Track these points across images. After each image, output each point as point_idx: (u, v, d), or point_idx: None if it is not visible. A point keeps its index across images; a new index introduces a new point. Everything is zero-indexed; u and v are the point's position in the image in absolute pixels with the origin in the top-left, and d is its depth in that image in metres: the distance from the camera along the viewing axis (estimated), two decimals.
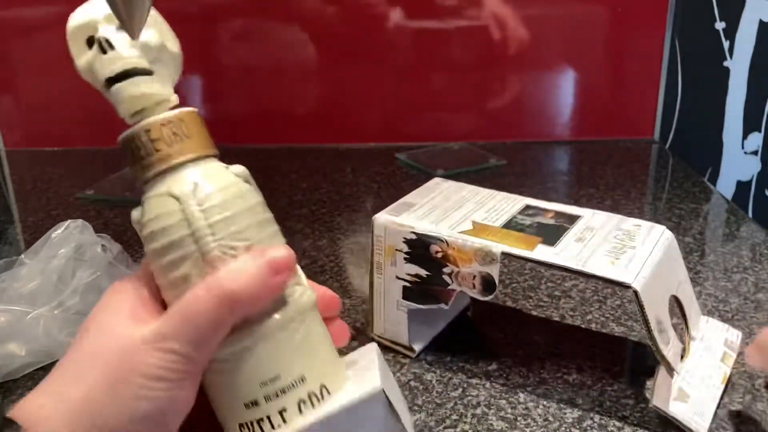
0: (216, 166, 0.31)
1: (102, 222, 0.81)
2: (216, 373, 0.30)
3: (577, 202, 0.84)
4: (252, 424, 0.30)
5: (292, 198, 0.87)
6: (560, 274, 0.66)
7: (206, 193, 0.29)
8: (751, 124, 0.85)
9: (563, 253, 0.47)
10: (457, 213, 0.53)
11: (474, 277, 0.49)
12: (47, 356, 0.51)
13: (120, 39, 0.30)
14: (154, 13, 0.33)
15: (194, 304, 0.28)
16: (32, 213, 0.85)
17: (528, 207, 0.55)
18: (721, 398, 0.48)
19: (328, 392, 0.30)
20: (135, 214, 0.31)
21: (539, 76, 1.09)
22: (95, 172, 0.98)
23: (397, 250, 0.52)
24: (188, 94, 1.09)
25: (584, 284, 0.65)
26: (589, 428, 0.46)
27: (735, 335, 0.52)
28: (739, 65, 0.87)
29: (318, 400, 0.30)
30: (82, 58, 0.32)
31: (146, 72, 0.31)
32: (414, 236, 0.51)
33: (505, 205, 0.55)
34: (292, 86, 1.08)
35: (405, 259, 0.51)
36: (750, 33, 0.84)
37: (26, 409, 0.28)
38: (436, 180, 0.61)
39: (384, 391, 0.29)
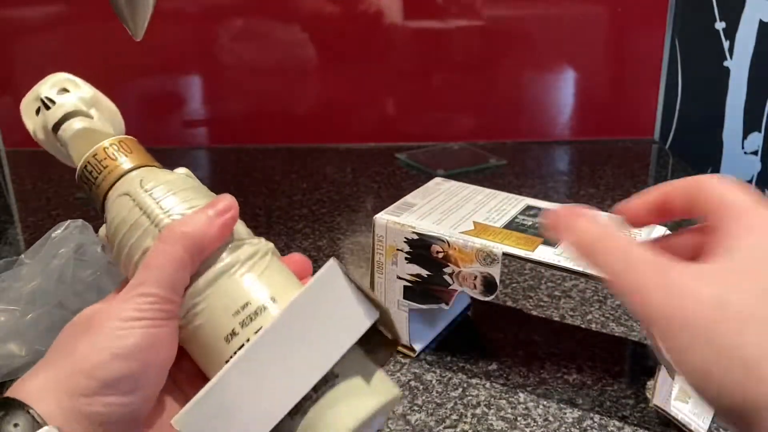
0: (158, 168, 0.36)
1: (102, 222, 0.81)
2: (191, 326, 0.32)
3: (577, 203, 0.84)
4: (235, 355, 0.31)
5: (292, 198, 0.87)
6: (560, 275, 0.66)
7: (152, 184, 0.34)
8: (751, 124, 0.85)
9: (564, 254, 0.47)
10: (458, 213, 0.53)
11: (475, 277, 0.49)
12: None
13: (59, 96, 0.37)
14: (83, 84, 0.39)
15: (154, 253, 0.31)
16: (32, 213, 0.85)
17: (529, 207, 0.55)
18: None
19: None
20: (101, 230, 0.36)
21: (539, 76, 1.09)
22: None
23: (398, 249, 0.52)
24: (188, 94, 1.09)
25: (584, 284, 0.65)
26: (589, 428, 0.46)
27: None
28: (739, 65, 0.87)
29: None
30: (34, 123, 0.39)
31: (86, 114, 0.37)
32: (415, 236, 0.51)
33: (506, 205, 0.55)
34: (292, 86, 1.08)
35: (406, 258, 0.51)
36: (750, 33, 0.85)
37: (21, 388, 0.30)
38: (437, 180, 0.61)
39: (338, 263, 0.31)
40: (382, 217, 0.52)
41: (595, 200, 0.86)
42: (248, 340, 0.31)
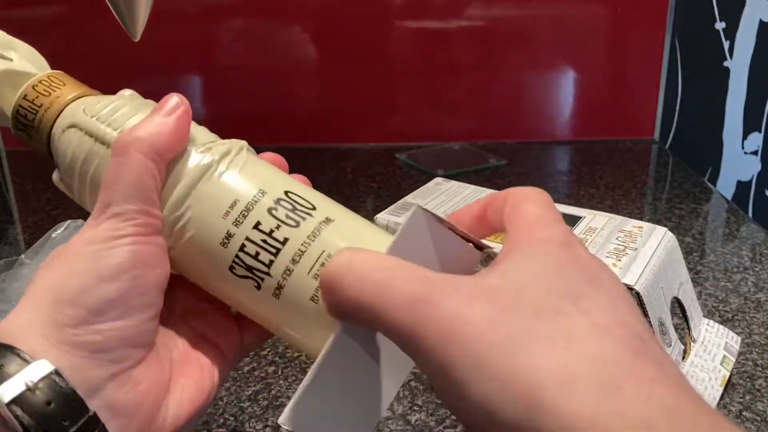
0: (99, 94, 0.33)
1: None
2: (182, 241, 0.30)
3: (577, 202, 0.84)
4: (239, 258, 0.29)
5: None
6: None
7: (96, 109, 0.31)
8: (751, 124, 0.85)
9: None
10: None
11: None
12: None
13: None
14: None
15: (111, 168, 0.29)
16: (32, 213, 0.85)
17: None
18: (721, 398, 0.48)
19: (296, 194, 0.30)
20: (54, 176, 0.33)
21: (539, 76, 1.09)
22: None
23: None
24: (188, 94, 1.08)
25: None
26: None
27: (735, 339, 0.52)
28: (739, 65, 0.87)
29: (288, 201, 0.30)
30: None
31: (4, 57, 0.34)
32: None
33: None
34: (292, 86, 1.08)
35: None
36: (750, 33, 0.85)
37: (2, 331, 0.27)
38: (437, 180, 0.61)
39: (423, 211, 0.27)
40: (383, 218, 0.52)
41: (595, 200, 0.86)
42: (248, 239, 0.29)
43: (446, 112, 1.11)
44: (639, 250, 0.48)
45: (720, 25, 0.91)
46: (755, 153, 0.84)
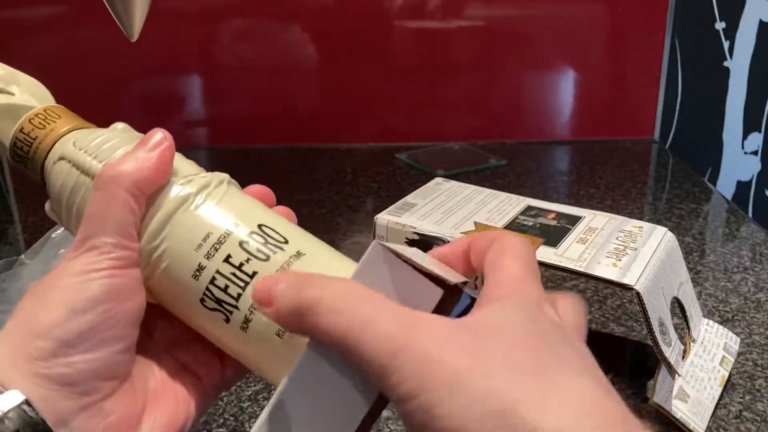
0: (92, 128, 0.34)
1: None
2: (157, 272, 0.30)
3: (577, 202, 0.84)
4: (209, 290, 0.29)
5: (292, 198, 0.87)
6: (561, 275, 0.66)
7: (85, 142, 0.32)
8: (751, 124, 0.85)
9: (566, 255, 0.47)
10: (458, 213, 0.53)
11: (476, 277, 0.49)
12: None
13: None
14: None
15: (92, 202, 0.29)
16: (32, 213, 0.85)
17: (530, 208, 0.55)
18: (721, 398, 0.48)
19: (270, 228, 0.31)
20: (47, 206, 0.34)
21: (539, 76, 1.09)
22: None
23: None
24: (188, 94, 1.09)
25: (584, 284, 0.65)
26: None
27: (734, 340, 0.52)
28: (739, 65, 0.87)
29: (260, 235, 0.30)
30: None
31: (6, 92, 0.35)
32: (416, 236, 0.51)
33: (507, 205, 0.55)
34: (292, 86, 1.08)
35: None
36: (750, 33, 0.85)
37: None
38: (437, 180, 0.61)
39: (382, 247, 0.26)
40: (383, 218, 0.52)
41: (595, 200, 0.86)
42: (218, 272, 0.29)
43: (446, 112, 1.11)
44: (639, 250, 0.48)
45: (720, 25, 0.91)
46: (755, 153, 0.84)
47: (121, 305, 0.28)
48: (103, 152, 0.32)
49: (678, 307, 0.50)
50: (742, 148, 0.86)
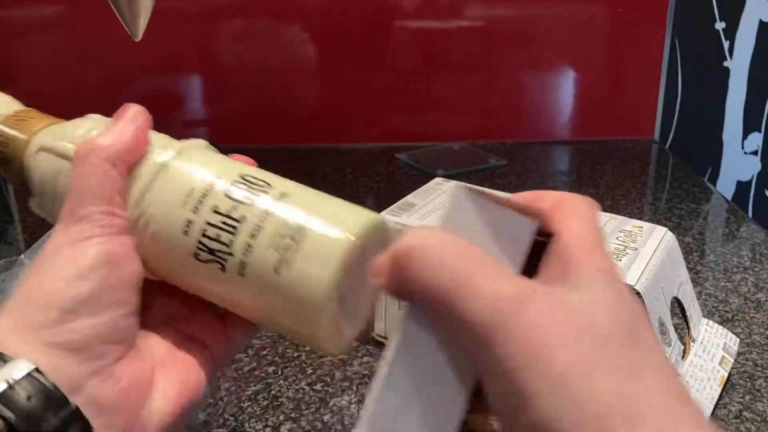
0: (66, 121, 0.34)
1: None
2: (146, 239, 0.30)
3: None
4: (201, 243, 0.30)
5: None
6: None
7: (62, 132, 0.32)
8: (751, 124, 0.85)
9: None
10: None
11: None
12: None
13: None
14: None
15: (74, 175, 0.30)
16: (32, 213, 0.84)
17: None
18: (721, 398, 0.48)
19: (251, 175, 0.31)
20: (32, 204, 0.34)
21: (539, 76, 1.09)
22: None
23: None
24: (188, 94, 1.09)
25: None
26: None
27: (733, 340, 0.52)
28: (739, 65, 0.87)
29: (243, 183, 0.31)
30: None
31: None
32: None
33: None
34: (292, 86, 1.08)
35: None
36: (750, 33, 0.85)
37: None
38: (437, 180, 0.61)
39: (464, 189, 0.25)
40: (388, 219, 0.52)
41: (596, 200, 0.86)
42: (207, 223, 0.29)
43: (446, 112, 1.11)
44: (639, 250, 0.48)
45: (720, 25, 0.91)
46: (755, 153, 0.84)
47: (118, 270, 0.29)
48: (79, 136, 0.32)
49: (678, 307, 0.50)
50: (742, 148, 0.86)
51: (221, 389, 0.50)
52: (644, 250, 0.48)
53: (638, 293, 0.44)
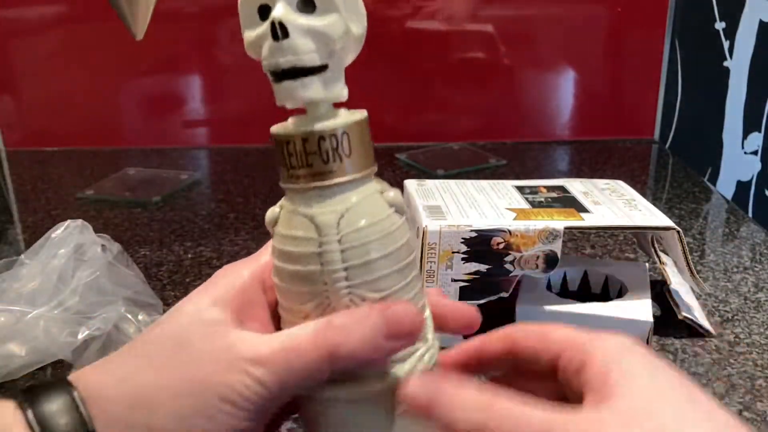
0: (370, 191, 0.27)
1: (102, 222, 0.81)
2: (317, 410, 0.27)
3: None
4: None
5: None
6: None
7: (351, 230, 0.25)
8: (751, 124, 0.85)
9: (605, 217, 0.53)
10: (483, 207, 0.55)
11: (537, 257, 0.51)
12: (47, 356, 0.51)
13: (297, 27, 0.25)
14: None
15: (298, 346, 0.25)
16: (32, 213, 0.85)
17: (523, 188, 0.59)
18: (721, 398, 0.48)
19: None
20: (270, 214, 0.28)
21: (539, 76, 1.09)
22: (95, 172, 0.98)
23: (453, 252, 0.51)
24: (188, 94, 1.09)
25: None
26: None
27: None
28: (739, 65, 0.87)
29: None
30: (251, 31, 0.28)
31: (318, 69, 0.26)
32: (474, 233, 0.51)
33: (504, 191, 0.58)
34: None
35: (463, 259, 0.52)
36: (750, 33, 0.84)
37: (85, 381, 0.26)
38: (411, 183, 0.60)
39: None
40: (433, 225, 0.51)
41: None
42: None
43: (446, 112, 1.11)
44: (636, 200, 0.58)
45: (720, 25, 0.91)
46: (755, 153, 0.84)
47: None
48: (357, 272, 0.25)
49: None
50: (742, 148, 0.86)
51: None
52: (639, 200, 0.59)
53: (678, 232, 0.53)
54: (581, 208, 0.55)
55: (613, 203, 0.57)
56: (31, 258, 0.57)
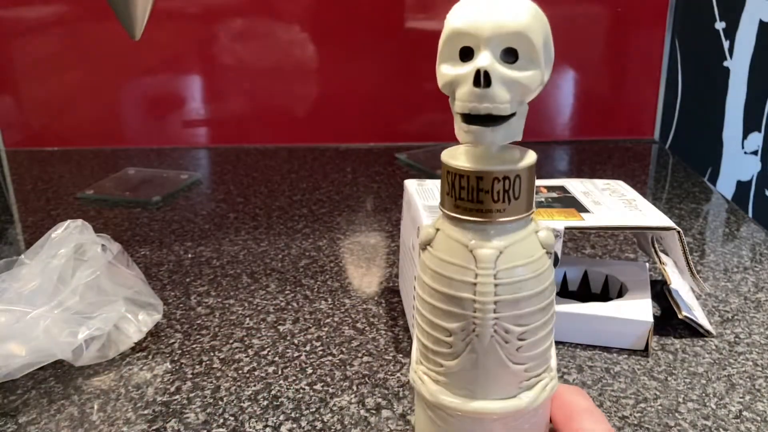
0: (528, 231, 0.28)
1: (102, 222, 0.81)
2: (437, 414, 0.29)
3: None
4: None
5: (292, 198, 0.87)
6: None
7: (506, 267, 0.27)
8: (751, 124, 0.85)
9: (605, 217, 0.53)
10: None
11: None
12: (47, 356, 0.51)
13: (499, 77, 0.26)
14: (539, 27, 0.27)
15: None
16: (32, 213, 0.85)
17: None
18: (721, 398, 0.48)
19: None
20: (426, 235, 0.29)
21: None
22: (95, 172, 0.98)
23: None
24: (188, 94, 1.09)
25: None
26: None
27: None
28: (739, 65, 0.87)
29: None
30: (449, 68, 0.28)
31: (509, 117, 0.28)
32: None
33: None
34: (292, 86, 1.08)
35: None
36: (750, 33, 0.85)
37: None
38: (411, 182, 0.60)
39: None
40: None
41: None
42: None
43: (446, 112, 1.10)
44: (637, 200, 0.57)
45: (720, 25, 0.91)
46: (755, 153, 0.84)
47: None
48: (504, 306, 0.27)
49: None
50: (742, 148, 0.86)
51: (221, 389, 0.50)
52: (639, 200, 0.58)
53: (679, 232, 0.53)
54: (581, 208, 0.55)
55: (613, 203, 0.57)
56: (31, 258, 0.57)
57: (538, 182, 0.61)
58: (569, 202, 0.56)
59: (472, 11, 0.26)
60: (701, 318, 0.56)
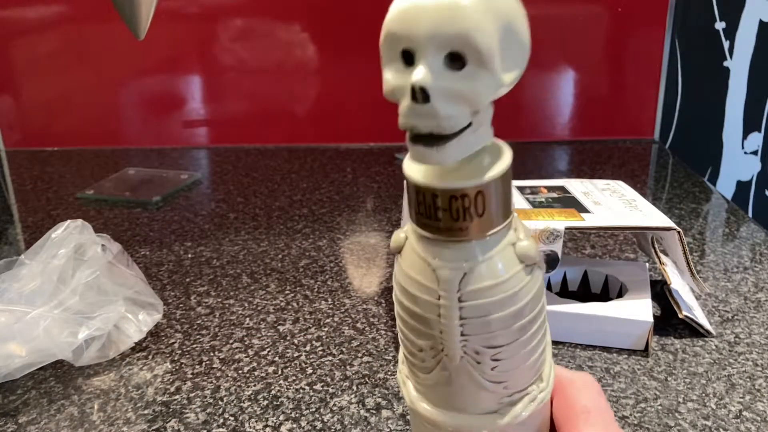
0: (501, 247, 0.24)
1: (102, 222, 0.81)
2: (422, 425, 0.28)
3: None
4: None
5: (292, 198, 0.87)
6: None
7: (473, 289, 0.24)
8: (751, 124, 0.85)
9: (605, 217, 0.53)
10: None
11: None
12: (47, 356, 0.51)
13: (440, 92, 0.22)
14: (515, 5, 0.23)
15: None
16: (32, 213, 0.85)
17: (524, 188, 0.59)
18: (721, 398, 0.48)
19: None
20: (396, 241, 0.26)
21: (539, 76, 1.09)
22: (95, 172, 0.98)
23: None
24: (188, 94, 1.09)
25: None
26: None
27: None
28: (739, 65, 0.87)
29: None
30: (390, 73, 0.24)
31: (458, 133, 0.23)
32: None
33: None
34: (292, 86, 1.08)
35: None
36: (750, 33, 0.84)
37: None
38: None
39: None
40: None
41: None
42: None
43: None
44: (637, 200, 0.58)
45: (720, 25, 0.91)
46: (755, 153, 0.84)
47: None
48: (472, 327, 0.24)
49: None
50: (742, 148, 0.86)
51: (221, 389, 0.50)
52: (640, 201, 0.58)
53: (679, 232, 0.53)
54: (582, 209, 0.55)
55: (614, 203, 0.57)
56: (31, 258, 0.57)
57: (539, 182, 0.61)
58: (569, 202, 0.56)
59: (409, 8, 0.22)
60: (701, 318, 0.56)
